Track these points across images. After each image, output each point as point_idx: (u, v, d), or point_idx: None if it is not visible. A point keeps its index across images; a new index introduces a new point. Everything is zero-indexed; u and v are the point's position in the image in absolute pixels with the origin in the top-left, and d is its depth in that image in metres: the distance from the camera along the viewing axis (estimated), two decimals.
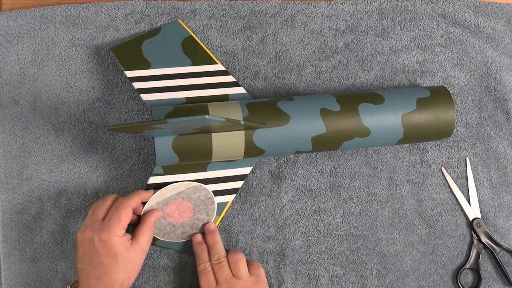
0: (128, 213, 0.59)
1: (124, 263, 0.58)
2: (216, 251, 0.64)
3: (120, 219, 0.58)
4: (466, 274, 0.73)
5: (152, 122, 0.54)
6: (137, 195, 0.62)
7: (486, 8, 0.74)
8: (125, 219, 0.59)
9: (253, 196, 0.70)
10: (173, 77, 0.67)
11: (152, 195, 0.63)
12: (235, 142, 0.63)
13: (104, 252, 0.57)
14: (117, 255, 0.58)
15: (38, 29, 0.69)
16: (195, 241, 0.66)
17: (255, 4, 0.71)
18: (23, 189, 0.68)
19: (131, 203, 0.60)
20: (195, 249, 0.66)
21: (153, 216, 0.63)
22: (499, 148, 0.74)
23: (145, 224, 0.62)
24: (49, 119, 0.68)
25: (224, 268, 0.63)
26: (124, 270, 0.58)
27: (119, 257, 0.58)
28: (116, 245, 0.57)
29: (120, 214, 0.59)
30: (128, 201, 0.60)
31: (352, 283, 0.71)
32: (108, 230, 0.57)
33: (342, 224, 0.71)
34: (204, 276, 0.63)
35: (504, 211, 0.73)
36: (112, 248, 0.57)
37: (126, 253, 0.58)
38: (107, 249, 0.57)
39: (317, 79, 0.72)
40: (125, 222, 0.59)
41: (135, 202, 0.61)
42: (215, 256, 0.64)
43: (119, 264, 0.58)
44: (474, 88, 0.74)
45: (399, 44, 0.73)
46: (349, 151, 0.72)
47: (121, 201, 0.60)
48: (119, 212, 0.59)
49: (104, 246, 0.57)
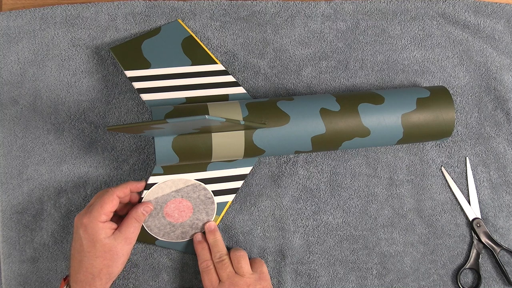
0: (112, 200, 0.60)
1: (102, 250, 0.59)
2: (218, 249, 0.65)
3: (102, 205, 0.59)
4: (466, 274, 0.73)
5: (152, 122, 0.54)
6: (125, 184, 0.62)
7: (486, 8, 0.74)
8: (108, 205, 0.59)
9: (253, 196, 0.70)
10: (173, 77, 0.67)
11: (144, 185, 0.64)
12: (235, 142, 0.63)
13: (84, 235, 0.58)
14: (96, 240, 0.58)
15: (38, 29, 0.69)
16: (195, 240, 0.66)
17: (255, 4, 0.71)
18: (23, 189, 0.68)
19: (117, 192, 0.61)
20: (196, 248, 0.66)
21: (141, 207, 0.63)
22: (499, 148, 0.74)
23: (130, 215, 0.62)
24: (49, 119, 0.68)
25: (226, 265, 0.63)
26: (103, 257, 0.59)
27: (97, 243, 0.58)
28: (95, 230, 0.58)
29: (103, 201, 0.59)
30: (114, 190, 0.61)
31: (352, 283, 0.71)
32: (90, 215, 0.58)
33: (342, 224, 0.71)
34: (207, 274, 0.63)
35: (504, 211, 0.73)
36: (91, 233, 0.58)
37: (105, 240, 0.59)
38: (87, 233, 0.58)
39: (317, 79, 0.72)
40: (107, 209, 0.59)
41: (122, 191, 0.62)
42: (217, 254, 0.64)
43: (97, 250, 0.58)
44: (474, 88, 0.74)
45: (399, 44, 0.73)
46: (349, 151, 0.72)
47: (108, 189, 0.61)
48: (103, 198, 0.59)
49: (85, 230, 0.58)
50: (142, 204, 0.63)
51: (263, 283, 0.63)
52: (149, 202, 0.64)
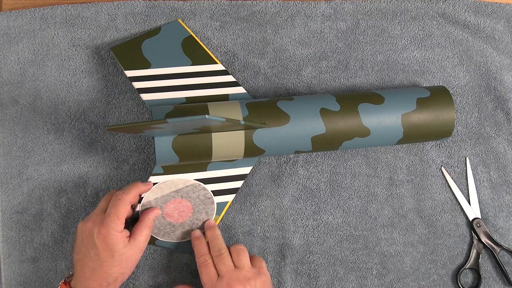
0: (126, 209, 0.60)
1: (120, 259, 0.59)
2: (216, 244, 0.63)
3: (118, 216, 0.59)
4: (466, 274, 0.73)
5: (152, 122, 0.54)
6: (134, 189, 0.62)
7: (486, 8, 0.74)
8: (123, 215, 0.59)
9: (253, 196, 0.70)
10: (173, 76, 0.67)
11: (151, 187, 0.63)
12: (235, 142, 0.63)
13: (102, 245, 0.58)
14: (114, 250, 0.58)
15: (38, 29, 0.69)
16: (193, 236, 0.65)
17: (255, 4, 0.71)
18: (23, 189, 0.68)
19: (129, 198, 0.60)
20: (194, 244, 0.64)
21: (152, 214, 0.63)
22: (499, 148, 0.74)
23: (143, 222, 0.62)
24: (49, 119, 0.68)
25: (226, 259, 0.61)
26: (119, 266, 0.59)
27: (116, 253, 0.58)
28: (114, 241, 0.58)
29: (118, 210, 0.59)
30: (126, 197, 0.60)
31: (352, 283, 0.71)
32: (108, 225, 0.58)
33: (342, 224, 0.71)
34: (205, 268, 0.61)
35: (504, 211, 0.73)
36: (110, 243, 0.58)
37: (123, 250, 0.59)
38: (105, 244, 0.58)
39: (317, 79, 0.72)
40: (123, 218, 0.59)
41: (133, 196, 0.61)
42: (216, 248, 0.63)
43: (115, 259, 0.58)
44: (474, 88, 0.74)
45: (399, 44, 0.73)
46: (349, 151, 0.72)
47: (119, 197, 0.60)
48: (117, 208, 0.59)
49: (103, 240, 0.58)
50: (152, 211, 0.63)
51: (263, 277, 0.61)
52: (156, 207, 0.64)
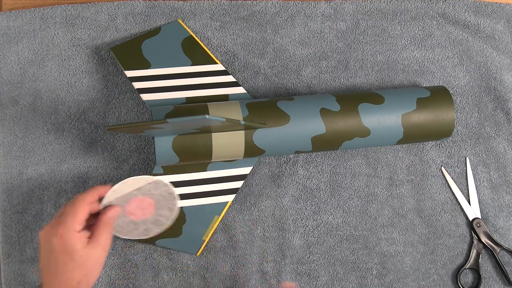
0: (84, 208, 0.57)
1: (80, 260, 0.56)
2: None
3: (75, 214, 0.56)
4: (466, 274, 0.73)
5: (152, 122, 0.54)
6: (93, 190, 0.60)
7: (486, 8, 0.74)
8: (81, 213, 0.57)
9: (253, 196, 0.70)
10: (173, 77, 0.67)
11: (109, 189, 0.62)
12: (235, 142, 0.63)
13: (60, 247, 0.56)
14: (73, 251, 0.56)
15: (38, 29, 0.69)
16: None
17: (255, 4, 0.71)
18: (23, 189, 0.68)
19: (87, 198, 0.58)
20: None
21: (111, 212, 0.60)
22: (499, 148, 0.74)
23: (102, 221, 0.59)
24: (49, 119, 0.68)
25: None
26: (81, 267, 0.56)
27: (75, 253, 0.56)
28: (72, 241, 0.56)
29: (76, 209, 0.56)
30: (84, 196, 0.58)
31: (352, 283, 0.71)
32: (64, 224, 0.56)
33: (342, 224, 0.71)
34: None
35: (504, 211, 0.73)
36: (68, 244, 0.55)
37: (83, 250, 0.56)
38: (64, 245, 0.56)
39: (317, 79, 0.72)
40: (80, 217, 0.57)
41: (92, 197, 0.59)
42: None
43: (76, 261, 0.56)
44: (474, 88, 0.74)
45: (399, 44, 0.73)
46: (349, 151, 0.72)
47: (77, 197, 0.58)
48: (75, 207, 0.57)
49: (61, 241, 0.55)
50: (111, 209, 0.60)
51: None
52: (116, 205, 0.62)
